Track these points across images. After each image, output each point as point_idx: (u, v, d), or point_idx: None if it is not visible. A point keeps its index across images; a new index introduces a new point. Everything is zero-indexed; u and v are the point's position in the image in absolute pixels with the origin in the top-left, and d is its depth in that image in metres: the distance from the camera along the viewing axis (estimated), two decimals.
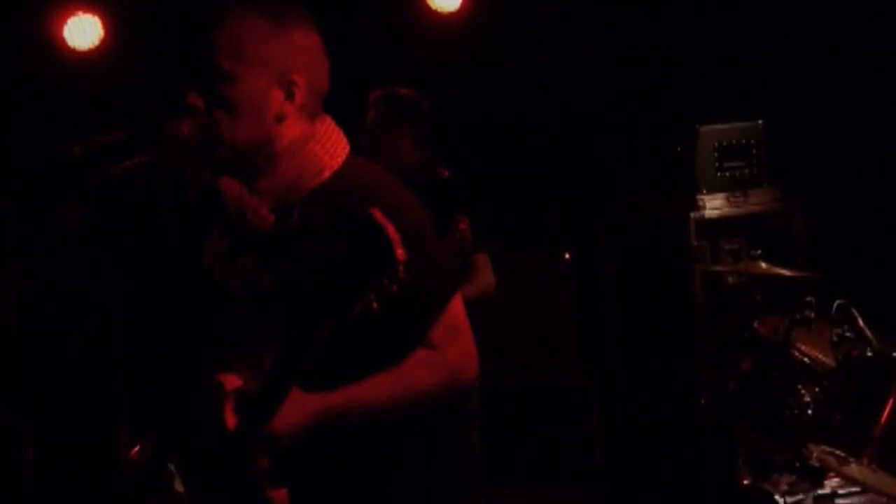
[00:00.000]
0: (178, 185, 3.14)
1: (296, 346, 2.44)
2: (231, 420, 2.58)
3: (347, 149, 2.83)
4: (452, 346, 2.74)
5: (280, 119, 2.74)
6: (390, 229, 2.33)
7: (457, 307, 2.77)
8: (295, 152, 2.74)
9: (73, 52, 6.51)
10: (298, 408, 2.56)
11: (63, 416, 5.94)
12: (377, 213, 2.35)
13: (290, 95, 2.74)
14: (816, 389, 4.28)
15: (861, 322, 4.12)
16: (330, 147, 2.79)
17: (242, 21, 2.72)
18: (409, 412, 2.75)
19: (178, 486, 2.98)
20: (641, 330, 6.22)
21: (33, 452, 5.87)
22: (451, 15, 6.71)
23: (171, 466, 3.18)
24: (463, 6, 6.67)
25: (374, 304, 2.37)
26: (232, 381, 2.61)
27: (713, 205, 5.87)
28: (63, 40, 6.50)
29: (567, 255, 6.38)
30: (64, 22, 6.49)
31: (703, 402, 4.62)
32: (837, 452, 4.05)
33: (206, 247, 2.88)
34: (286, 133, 2.75)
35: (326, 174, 2.75)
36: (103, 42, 6.52)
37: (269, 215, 2.74)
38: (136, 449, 3.21)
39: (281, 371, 2.49)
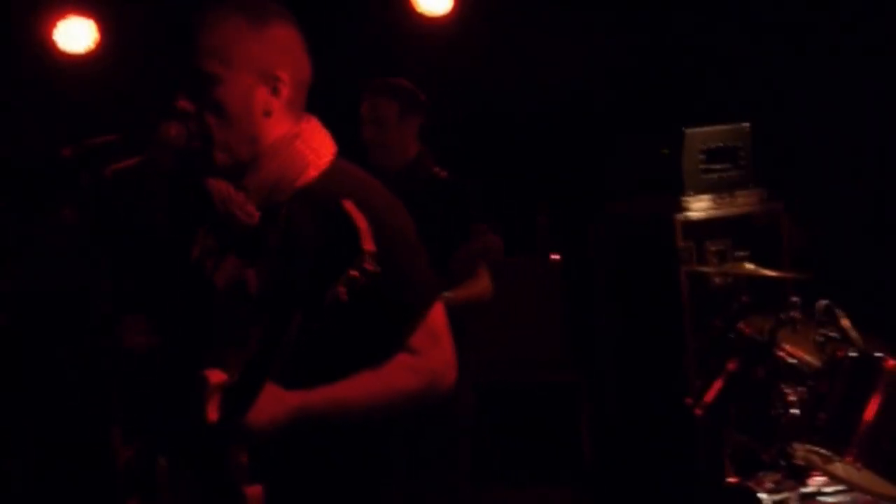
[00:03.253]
0: (169, 185, 3.17)
1: (269, 337, 2.46)
2: (213, 415, 2.60)
3: (334, 150, 2.86)
4: (433, 352, 2.76)
5: (268, 115, 2.77)
6: (360, 220, 2.35)
7: (438, 314, 2.78)
8: (279, 150, 2.77)
9: (64, 55, 6.52)
10: (275, 403, 2.57)
11: (57, 416, 5.95)
12: (348, 204, 2.37)
13: (275, 91, 2.77)
14: (801, 389, 4.30)
15: (845, 322, 4.15)
16: (316, 146, 2.81)
17: (222, 22, 2.75)
18: (388, 416, 2.77)
19: None
20: (628, 330, 6.25)
21: (29, 452, 5.88)
22: (440, 18, 6.73)
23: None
24: (452, 9, 6.69)
25: (344, 296, 2.39)
26: (217, 377, 2.63)
27: (699, 206, 5.91)
28: (54, 43, 6.51)
29: (555, 257, 6.41)
30: (54, 25, 6.50)
31: (689, 401, 4.64)
32: (822, 451, 4.09)
33: (193, 244, 2.91)
34: (273, 130, 2.78)
35: (313, 173, 2.78)
36: (95, 45, 6.53)
37: (256, 212, 2.77)
38: (129, 449, 3.23)
39: (256, 363, 2.51)
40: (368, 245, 2.35)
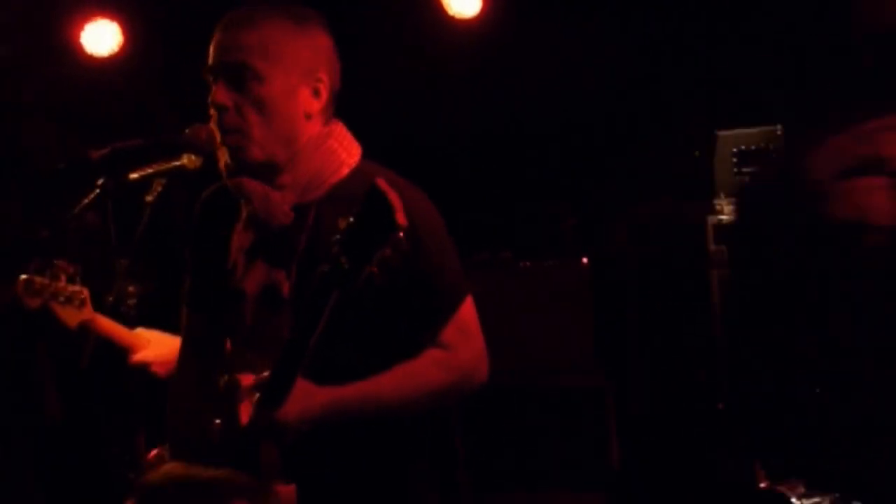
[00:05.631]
0: (195, 189, 3.15)
1: (304, 322, 2.43)
2: (245, 417, 2.58)
3: (360, 150, 2.90)
4: (464, 347, 2.76)
5: (308, 116, 2.80)
6: (392, 196, 2.33)
7: (468, 310, 2.79)
8: (316, 147, 2.81)
9: (91, 58, 6.51)
10: (307, 399, 2.56)
11: (82, 419, 5.96)
12: (381, 182, 2.35)
13: (316, 93, 2.81)
14: None
15: None
16: (347, 145, 2.87)
17: (269, 22, 2.78)
18: (419, 411, 2.77)
19: None
20: (658, 334, 6.23)
21: (50, 454, 5.89)
22: (470, 20, 6.70)
23: None
24: (481, 12, 6.66)
25: (377, 276, 2.35)
26: (249, 380, 2.62)
27: (731, 209, 5.87)
28: (81, 46, 6.50)
29: (585, 261, 6.37)
30: (82, 28, 6.50)
31: (720, 406, 4.61)
32: None
33: (230, 247, 2.90)
34: (309, 131, 2.82)
35: (345, 171, 2.83)
36: (121, 48, 6.53)
37: (290, 212, 2.77)
38: (154, 452, 3.22)
39: (290, 350, 2.48)
40: (401, 219, 2.32)
